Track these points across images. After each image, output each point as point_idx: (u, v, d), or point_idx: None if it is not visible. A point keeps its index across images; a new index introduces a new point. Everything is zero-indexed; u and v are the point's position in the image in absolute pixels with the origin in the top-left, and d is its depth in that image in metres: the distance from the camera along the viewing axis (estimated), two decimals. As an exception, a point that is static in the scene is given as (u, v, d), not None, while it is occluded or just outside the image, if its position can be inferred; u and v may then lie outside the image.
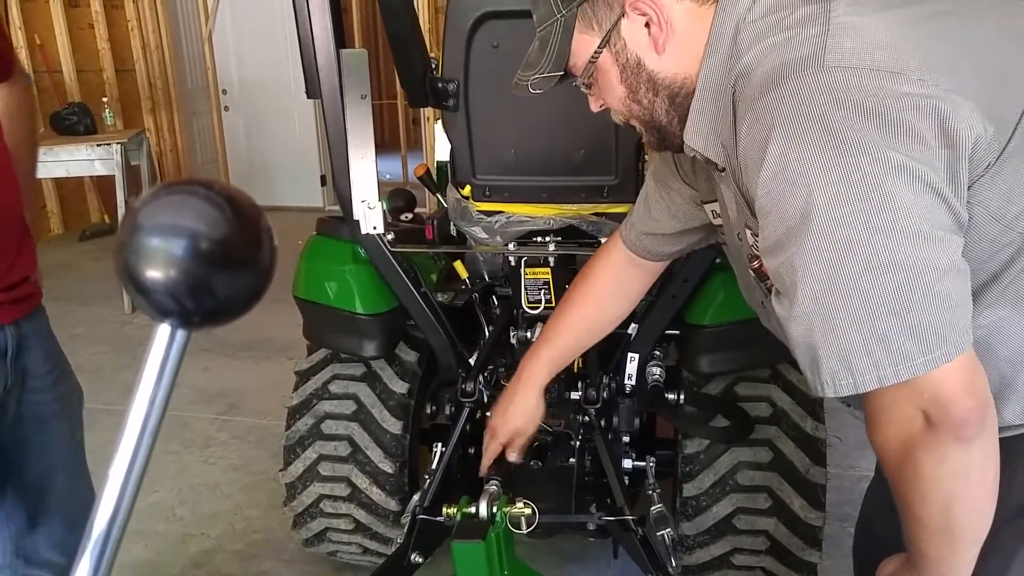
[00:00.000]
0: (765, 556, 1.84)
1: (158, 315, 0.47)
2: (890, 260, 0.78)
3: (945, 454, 0.83)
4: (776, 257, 0.86)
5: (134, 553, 2.34)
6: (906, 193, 0.78)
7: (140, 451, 0.49)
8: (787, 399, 1.84)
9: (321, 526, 2.03)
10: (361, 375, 2.00)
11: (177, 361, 0.49)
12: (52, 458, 1.51)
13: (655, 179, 1.33)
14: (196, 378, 3.59)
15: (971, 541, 0.89)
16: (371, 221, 1.78)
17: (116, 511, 0.49)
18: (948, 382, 0.80)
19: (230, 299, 0.47)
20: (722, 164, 0.98)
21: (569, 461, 1.86)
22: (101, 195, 6.37)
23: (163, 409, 0.49)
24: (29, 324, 1.40)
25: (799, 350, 0.88)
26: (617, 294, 1.48)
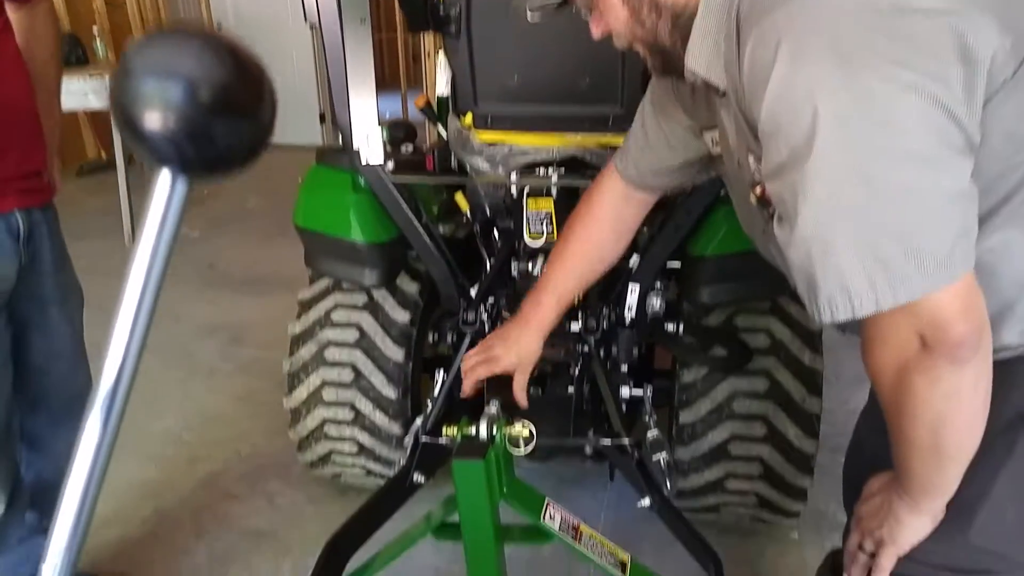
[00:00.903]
0: (758, 481, 1.89)
1: (158, 161, 0.45)
2: (896, 183, 0.77)
3: (939, 375, 0.84)
4: (779, 181, 0.85)
5: (146, 474, 2.41)
6: (917, 114, 0.76)
7: (144, 302, 0.49)
8: (786, 331, 1.86)
9: (325, 449, 2.08)
10: (363, 304, 2.02)
11: (178, 212, 0.48)
12: (52, 342, 1.63)
13: (653, 107, 1.31)
14: (200, 311, 3.62)
15: (958, 459, 0.91)
16: (371, 150, 1.77)
17: (123, 363, 0.50)
18: (946, 306, 0.80)
19: (230, 148, 0.46)
20: (724, 88, 0.96)
21: (568, 390, 1.90)
22: (97, 130, 6.30)
23: (165, 260, 0.48)
24: (40, 215, 1.54)
25: (797, 275, 0.87)
26: (616, 230, 1.47)
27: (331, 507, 2.24)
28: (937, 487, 0.96)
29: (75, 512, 0.53)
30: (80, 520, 0.53)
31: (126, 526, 2.18)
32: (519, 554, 1.99)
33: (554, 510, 1.32)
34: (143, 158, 0.46)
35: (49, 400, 1.67)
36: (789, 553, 2.06)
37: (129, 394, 0.52)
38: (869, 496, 1.10)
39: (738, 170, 1.07)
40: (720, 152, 1.17)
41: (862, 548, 1.10)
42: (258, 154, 0.48)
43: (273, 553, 2.08)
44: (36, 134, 1.53)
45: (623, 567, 1.33)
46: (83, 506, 0.53)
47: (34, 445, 1.71)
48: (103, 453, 0.53)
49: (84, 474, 0.53)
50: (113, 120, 0.46)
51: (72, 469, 0.53)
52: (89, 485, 0.53)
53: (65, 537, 0.54)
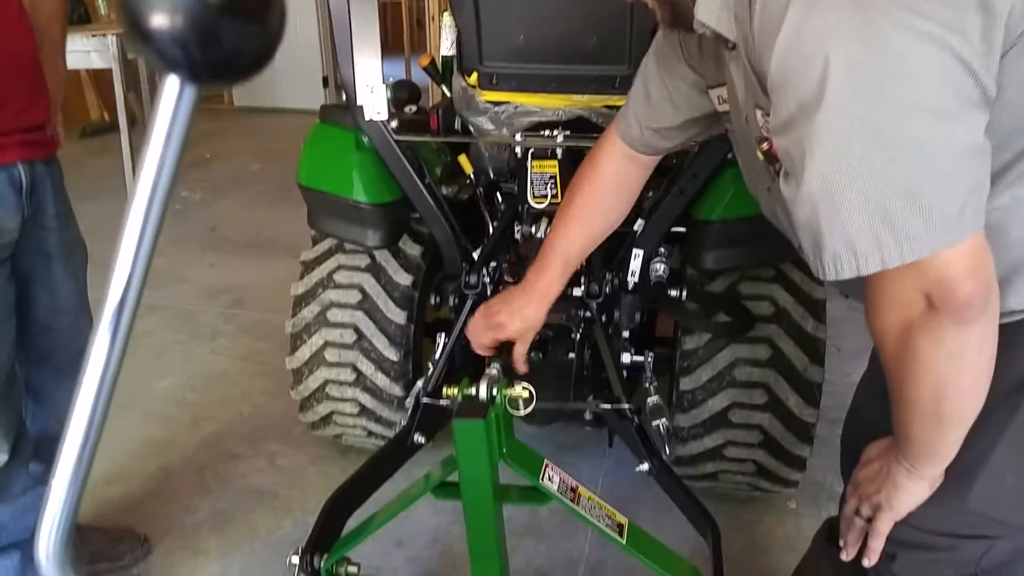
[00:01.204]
0: (757, 449, 1.88)
1: (166, 66, 0.45)
2: (907, 137, 0.75)
3: (943, 336, 0.82)
4: (787, 135, 0.82)
5: (150, 433, 2.42)
6: (932, 65, 0.73)
7: (152, 212, 0.49)
8: (789, 299, 1.85)
9: (327, 409, 2.09)
10: (366, 266, 2.01)
11: (186, 120, 0.47)
12: (57, 298, 1.63)
13: (657, 64, 1.27)
14: (202, 273, 3.62)
15: (958, 424, 0.90)
16: (374, 106, 1.75)
17: (131, 276, 0.49)
18: (954, 265, 0.78)
19: (239, 53, 0.45)
20: (734, 39, 0.93)
21: (569, 355, 1.89)
22: (99, 91, 6.26)
23: (173, 170, 0.48)
24: (43, 168, 1.53)
25: (802, 232, 0.85)
26: (619, 193, 1.45)
27: (332, 467, 2.25)
28: (937, 452, 0.95)
29: (81, 437, 0.54)
30: (88, 443, 0.54)
31: (130, 483, 2.20)
32: (518, 515, 2.01)
33: (553, 472, 1.32)
34: (151, 63, 0.45)
35: (54, 355, 1.68)
36: (786, 522, 2.07)
37: (137, 309, 0.52)
38: (867, 462, 1.09)
39: (745, 127, 1.04)
40: (727, 110, 1.14)
41: (859, 513, 1.09)
42: (265, 62, 0.48)
43: (274, 511, 2.10)
44: (39, 87, 1.52)
45: (621, 530, 1.34)
46: (90, 430, 0.54)
47: (39, 399, 1.73)
48: (112, 367, 0.53)
49: (92, 392, 0.53)
50: (121, 24, 0.46)
51: (79, 387, 0.54)
52: (96, 405, 0.53)
53: (70, 466, 0.54)
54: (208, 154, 5.59)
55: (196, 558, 1.95)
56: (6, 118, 1.42)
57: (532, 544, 1.97)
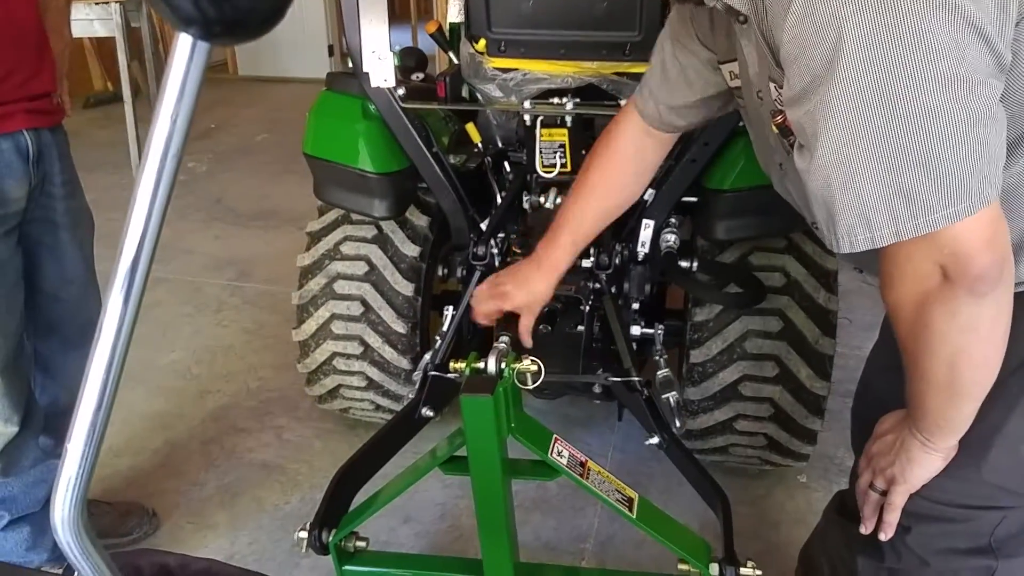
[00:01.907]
0: (768, 422, 1.87)
1: (180, 23, 0.46)
2: (921, 106, 0.74)
3: (958, 308, 0.82)
4: (800, 107, 0.82)
5: (157, 406, 2.42)
6: (946, 34, 0.72)
7: (165, 171, 0.49)
8: (801, 270, 1.82)
9: (334, 383, 2.07)
10: (372, 237, 1.99)
11: (199, 75, 0.48)
12: (64, 267, 1.63)
13: (672, 43, 1.26)
14: (207, 245, 3.61)
15: (973, 396, 0.90)
16: (381, 73, 1.71)
17: (143, 237, 0.50)
18: (969, 236, 0.78)
19: (252, 10, 0.46)
20: (746, 11, 0.91)
21: (578, 327, 1.87)
22: (103, 60, 6.21)
23: (186, 128, 0.49)
24: (49, 136, 1.52)
25: (816, 205, 0.85)
26: (636, 171, 1.43)
27: (339, 442, 2.24)
28: (951, 424, 0.95)
29: (95, 403, 0.55)
30: (102, 408, 0.55)
31: (137, 456, 2.20)
32: (526, 490, 2.01)
33: (562, 446, 1.31)
34: (166, 19, 0.46)
35: (63, 326, 1.68)
36: (796, 496, 2.06)
37: (150, 268, 0.53)
38: (880, 434, 1.08)
39: (758, 102, 1.03)
40: (739, 85, 1.13)
41: (873, 487, 1.09)
42: (276, 19, 0.48)
43: (281, 486, 2.10)
44: (44, 56, 1.50)
45: (630, 504, 1.32)
46: (103, 396, 0.56)
47: (48, 370, 1.72)
48: (125, 330, 0.54)
49: (105, 356, 0.54)
50: None
51: (93, 352, 0.54)
52: (110, 370, 0.55)
53: (84, 431, 0.55)
54: (213, 124, 5.55)
55: (204, 532, 1.95)
56: (11, 87, 1.41)
57: (541, 518, 1.97)
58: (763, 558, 1.56)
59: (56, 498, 0.56)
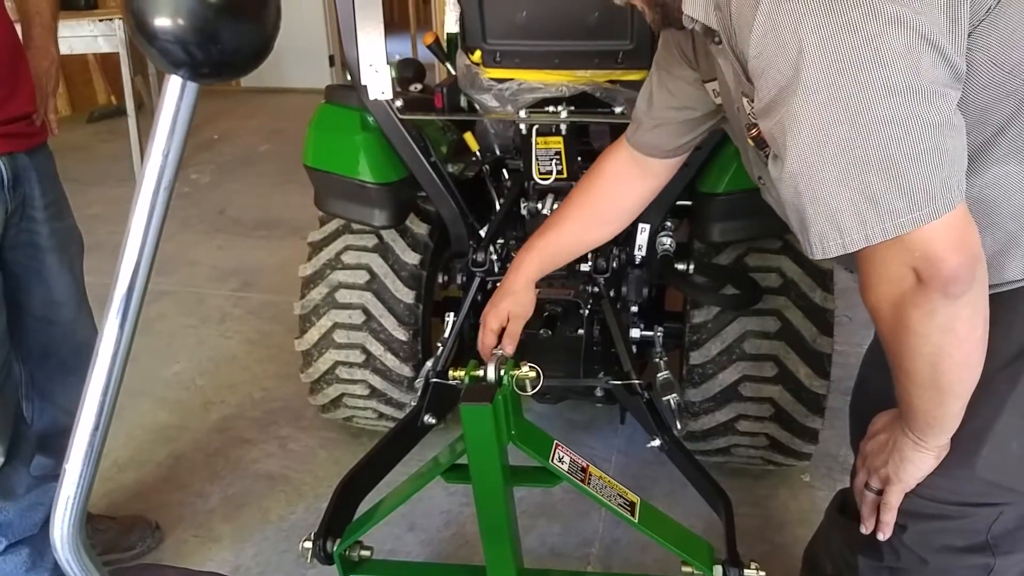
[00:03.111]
0: (769, 422, 1.88)
1: (170, 66, 0.48)
2: (881, 116, 0.77)
3: (934, 309, 0.84)
4: (769, 119, 0.85)
5: (161, 418, 2.43)
6: (900, 47, 0.76)
7: (158, 203, 0.51)
8: (797, 270, 1.83)
9: (337, 392, 2.09)
10: (373, 246, 2.01)
11: (188, 115, 0.51)
12: (52, 291, 1.60)
13: (658, 67, 1.31)
14: (210, 256, 3.63)
15: (958, 393, 0.92)
16: (379, 86, 1.74)
17: (137, 267, 0.52)
18: (938, 239, 0.80)
19: (237, 51, 0.48)
20: (716, 28, 0.95)
21: (578, 331, 1.88)
22: (107, 75, 6.25)
23: (177, 163, 0.52)
24: (26, 158, 1.48)
25: (789, 212, 0.88)
26: (617, 198, 1.44)
27: (343, 451, 2.26)
28: (940, 422, 0.96)
29: (92, 425, 0.57)
30: (99, 430, 0.57)
31: (141, 469, 2.21)
32: (531, 496, 2.02)
33: (563, 452, 1.32)
34: (156, 63, 0.49)
35: (57, 349, 1.65)
36: (800, 496, 2.06)
37: (143, 297, 0.55)
38: (874, 433, 1.10)
39: (737, 116, 1.07)
40: (721, 102, 1.17)
41: (868, 486, 1.11)
42: (262, 58, 0.51)
43: (286, 497, 2.11)
44: (19, 76, 1.46)
45: (632, 508, 1.33)
46: (100, 418, 0.57)
47: (45, 394, 1.69)
48: (120, 357, 0.56)
49: (102, 381, 0.56)
50: (125, 24, 0.50)
51: (90, 377, 0.56)
52: (106, 394, 0.56)
53: (82, 453, 0.57)
54: (216, 135, 5.59)
55: (208, 546, 1.95)
56: None
57: (545, 524, 1.98)
58: (768, 559, 1.57)
59: (55, 517, 0.58)
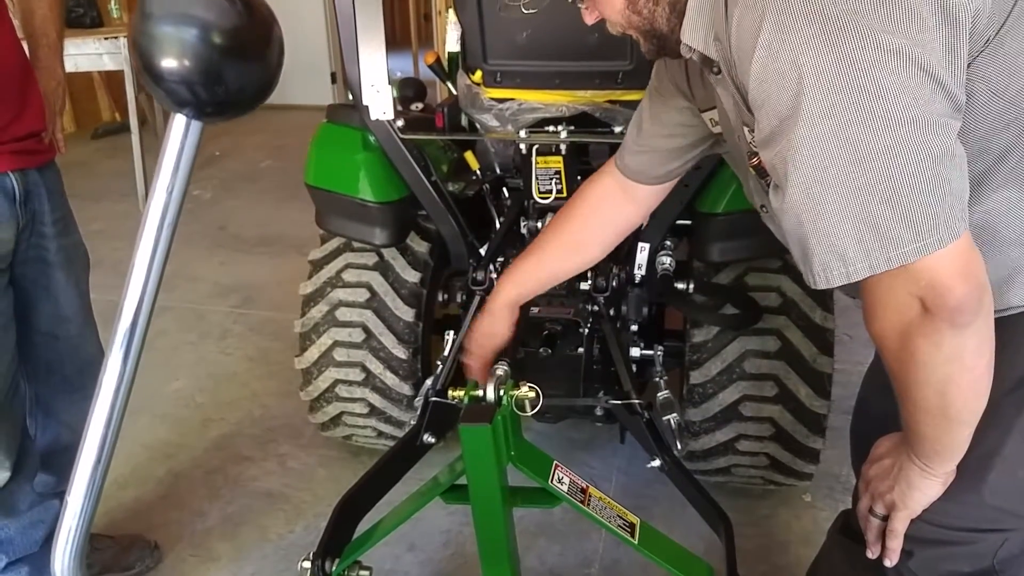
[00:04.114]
0: (769, 442, 1.87)
1: (175, 106, 0.49)
2: (882, 147, 0.77)
3: (941, 339, 0.83)
4: (770, 149, 0.85)
5: (160, 436, 2.43)
6: (900, 78, 0.76)
7: (162, 237, 0.53)
8: (797, 289, 1.83)
9: (336, 410, 2.09)
10: (373, 264, 2.01)
11: (192, 153, 0.52)
12: (59, 307, 1.61)
13: (651, 95, 1.32)
14: (212, 272, 3.64)
15: (966, 421, 0.91)
16: (380, 106, 1.75)
17: (141, 299, 0.53)
18: (943, 268, 0.80)
19: (241, 90, 0.50)
20: (718, 60, 0.96)
21: (578, 350, 1.88)
22: (111, 92, 6.29)
23: (181, 198, 0.53)
24: (36, 175, 1.51)
25: (791, 242, 0.88)
26: (598, 224, 1.45)
27: (342, 469, 2.25)
28: (947, 449, 0.95)
29: (95, 455, 0.57)
30: (102, 459, 0.58)
31: (141, 487, 2.21)
32: (530, 515, 2.01)
33: (562, 473, 1.31)
34: (161, 102, 0.50)
35: (62, 365, 1.66)
36: (802, 516, 2.05)
37: (147, 330, 0.56)
38: (877, 458, 1.09)
39: (738, 144, 1.07)
40: (721, 131, 1.18)
41: (873, 512, 1.09)
42: (265, 96, 0.53)
43: (285, 515, 2.10)
44: (28, 95, 1.49)
45: (632, 529, 1.33)
46: (103, 448, 0.58)
47: (49, 411, 1.70)
48: (124, 387, 0.56)
49: (105, 412, 0.58)
50: (134, 65, 0.51)
51: (93, 408, 0.58)
52: (109, 425, 0.57)
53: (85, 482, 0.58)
54: (218, 151, 5.61)
55: (207, 565, 1.95)
56: None
57: (545, 544, 1.97)
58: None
59: (56, 548, 0.58)
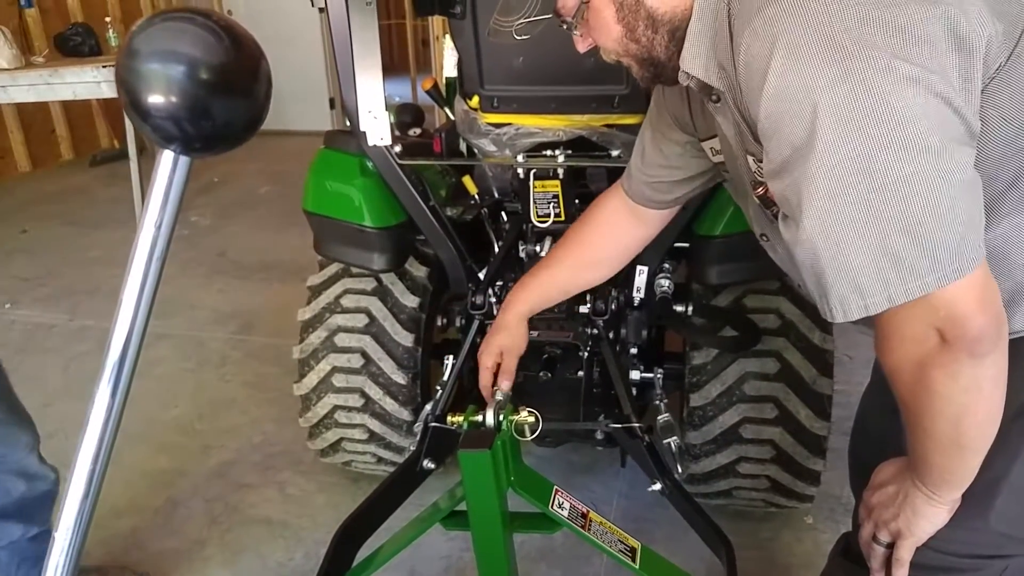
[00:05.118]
0: (770, 464, 1.86)
1: (162, 142, 0.49)
2: (899, 176, 0.76)
3: (959, 370, 0.82)
4: (782, 180, 0.84)
5: (159, 464, 2.41)
6: (916, 106, 0.75)
7: (150, 272, 0.52)
8: (795, 311, 1.83)
9: (336, 436, 2.08)
10: (372, 289, 2.01)
11: (181, 187, 0.52)
12: None
13: (651, 130, 1.32)
14: (211, 299, 3.64)
15: (979, 449, 0.90)
16: (378, 132, 1.76)
17: (130, 332, 0.52)
18: (962, 298, 0.79)
19: (228, 125, 0.50)
20: (721, 89, 0.95)
21: (577, 373, 1.88)
22: (109, 120, 6.33)
23: (169, 234, 0.53)
24: None
25: (806, 275, 0.87)
26: (613, 242, 1.47)
27: (342, 495, 2.24)
28: (957, 477, 0.95)
29: (83, 491, 0.57)
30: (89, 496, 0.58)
31: (139, 516, 2.19)
32: (531, 540, 1.99)
33: (563, 498, 1.31)
34: (149, 138, 0.50)
35: None
36: (804, 539, 2.04)
37: (136, 365, 0.57)
38: (880, 485, 1.08)
39: (740, 173, 1.07)
40: (722, 160, 1.17)
41: (877, 540, 1.08)
42: (253, 131, 0.53)
43: (285, 542, 2.08)
44: None
45: (633, 554, 1.32)
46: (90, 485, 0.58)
47: None
48: (112, 423, 0.57)
49: (94, 442, 0.56)
50: (120, 101, 0.51)
51: (82, 440, 0.56)
52: (99, 453, 0.56)
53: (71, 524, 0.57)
54: (216, 178, 5.63)
55: (206, 594, 1.94)
56: None
57: (546, 569, 1.95)
58: (771, 604, 1.55)
59: None
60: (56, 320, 3.46)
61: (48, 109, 5.98)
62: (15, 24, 5.48)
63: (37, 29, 5.79)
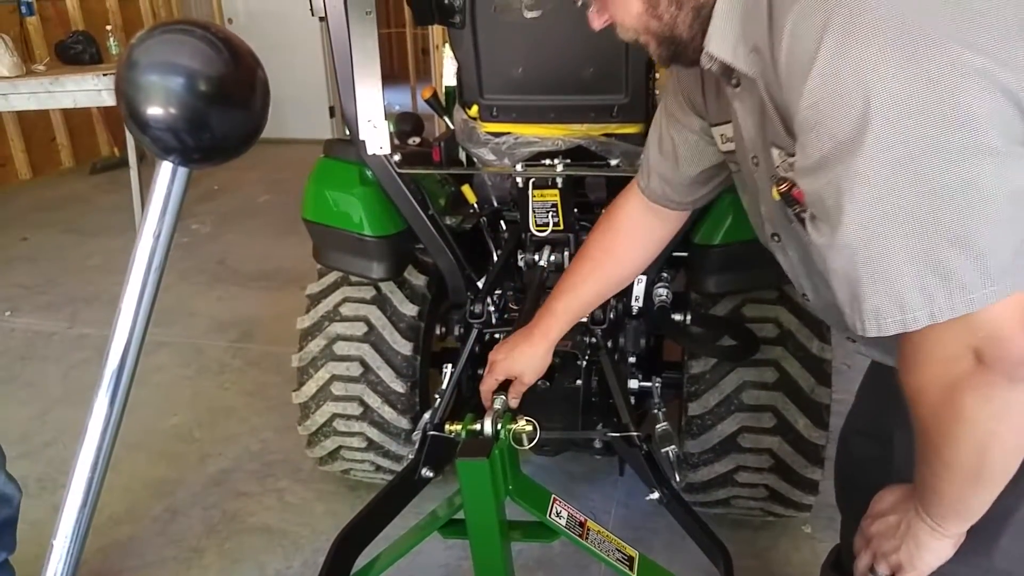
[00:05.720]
0: (768, 473, 1.86)
1: (161, 153, 0.50)
2: (957, 181, 0.69)
3: (992, 394, 0.77)
4: (818, 178, 0.76)
5: (157, 472, 2.41)
6: (982, 104, 0.68)
7: (148, 283, 0.53)
8: (794, 320, 1.84)
9: (334, 444, 2.08)
10: (371, 298, 2.02)
11: (179, 199, 0.52)
12: None
13: (667, 118, 1.25)
14: (210, 307, 3.64)
15: (998, 483, 0.85)
16: (377, 141, 1.77)
17: (129, 340, 0.52)
18: (1007, 318, 0.73)
19: (227, 137, 0.50)
20: (751, 74, 0.86)
21: (576, 382, 1.88)
22: (110, 127, 6.35)
23: (168, 243, 0.53)
24: None
25: (837, 283, 0.80)
26: (635, 246, 1.41)
27: (341, 504, 2.23)
28: (968, 510, 0.90)
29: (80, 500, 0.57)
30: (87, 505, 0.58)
31: (137, 525, 2.19)
32: (529, 549, 1.99)
33: (560, 507, 1.31)
34: (148, 149, 0.50)
35: None
36: (802, 548, 2.04)
37: (134, 374, 0.57)
38: (880, 514, 1.03)
39: (753, 167, 1.00)
40: (731, 149, 1.10)
41: (874, 572, 1.03)
42: (251, 142, 0.53)
43: (283, 551, 2.08)
44: None
45: (631, 563, 1.32)
46: (88, 495, 0.57)
47: None
48: (110, 432, 0.57)
49: (93, 451, 0.56)
50: (120, 112, 0.51)
51: (80, 449, 0.56)
52: (97, 462, 0.56)
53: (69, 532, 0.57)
54: (216, 186, 5.64)
55: (205, 603, 1.93)
56: None
57: (544, 578, 1.95)
58: (769, 613, 1.55)
59: None
60: (56, 328, 3.46)
61: (49, 117, 6.00)
62: (16, 32, 5.51)
63: (38, 37, 5.81)
